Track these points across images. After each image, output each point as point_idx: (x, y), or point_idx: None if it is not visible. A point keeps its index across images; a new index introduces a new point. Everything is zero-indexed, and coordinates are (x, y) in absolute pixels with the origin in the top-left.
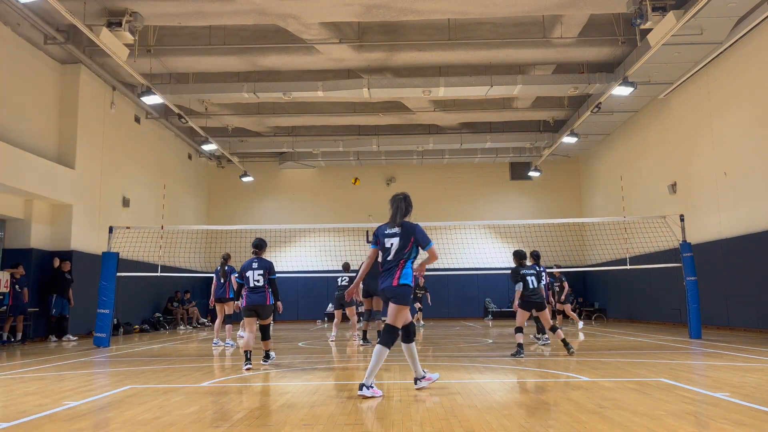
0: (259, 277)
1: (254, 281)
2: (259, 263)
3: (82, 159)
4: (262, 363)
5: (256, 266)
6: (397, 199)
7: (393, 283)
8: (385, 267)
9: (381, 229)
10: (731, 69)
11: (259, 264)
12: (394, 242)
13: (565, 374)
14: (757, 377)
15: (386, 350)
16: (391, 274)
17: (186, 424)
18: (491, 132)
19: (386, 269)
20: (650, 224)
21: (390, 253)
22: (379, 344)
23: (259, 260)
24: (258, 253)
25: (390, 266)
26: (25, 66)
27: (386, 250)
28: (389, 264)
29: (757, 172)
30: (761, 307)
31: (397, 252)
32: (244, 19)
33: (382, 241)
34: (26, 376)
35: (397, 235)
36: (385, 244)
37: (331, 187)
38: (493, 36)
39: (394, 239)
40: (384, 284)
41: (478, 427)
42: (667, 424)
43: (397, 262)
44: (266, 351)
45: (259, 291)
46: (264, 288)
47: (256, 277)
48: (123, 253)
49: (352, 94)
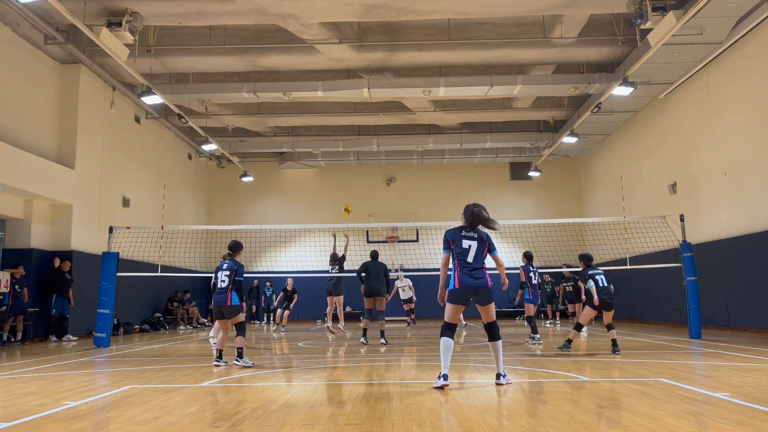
0: (225, 278)
1: (220, 282)
2: (228, 264)
3: (82, 159)
4: (235, 362)
5: (225, 267)
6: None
7: (488, 284)
8: (470, 267)
9: (455, 233)
10: (731, 69)
11: (228, 265)
12: (472, 245)
13: (565, 374)
14: (757, 377)
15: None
16: (482, 274)
17: (186, 424)
18: (491, 132)
19: (473, 268)
20: (650, 224)
21: (470, 255)
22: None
23: (229, 262)
24: (231, 255)
25: (475, 267)
26: (25, 66)
27: (464, 251)
28: (472, 266)
29: (757, 172)
30: (761, 307)
31: (477, 254)
32: (244, 19)
33: (458, 242)
34: (26, 376)
35: (475, 239)
36: (462, 245)
37: (331, 187)
38: (493, 36)
39: (472, 242)
40: (477, 282)
41: (478, 427)
42: (667, 424)
43: (481, 264)
44: (238, 348)
45: (222, 292)
46: (227, 289)
47: (222, 278)
48: (123, 253)
49: (352, 94)
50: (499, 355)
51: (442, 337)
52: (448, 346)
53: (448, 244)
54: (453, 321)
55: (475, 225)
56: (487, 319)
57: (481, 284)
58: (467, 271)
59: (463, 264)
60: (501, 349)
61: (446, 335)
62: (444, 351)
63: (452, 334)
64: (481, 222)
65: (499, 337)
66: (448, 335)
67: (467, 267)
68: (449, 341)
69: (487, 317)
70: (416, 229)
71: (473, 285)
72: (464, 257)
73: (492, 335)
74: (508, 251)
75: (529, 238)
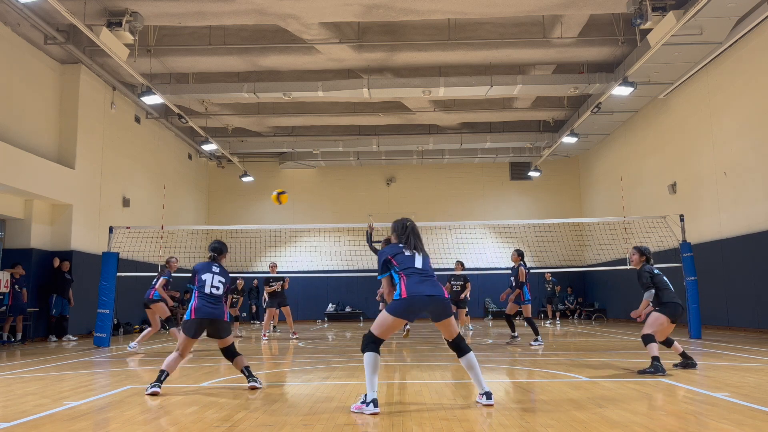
0: (220, 284)
1: (212, 287)
2: (221, 270)
3: (82, 159)
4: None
5: (218, 270)
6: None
7: (444, 293)
8: (421, 274)
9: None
10: (731, 69)
11: (221, 269)
12: (416, 254)
13: (565, 374)
14: (757, 377)
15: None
16: (436, 283)
17: (186, 424)
18: (491, 132)
19: (425, 276)
20: (650, 224)
21: (416, 261)
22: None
23: (221, 267)
24: (217, 259)
25: (429, 275)
26: (25, 66)
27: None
28: (423, 273)
29: (757, 172)
30: (761, 307)
31: (424, 262)
32: (244, 19)
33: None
34: (26, 376)
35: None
36: (405, 253)
37: (331, 187)
38: (493, 36)
39: (416, 252)
40: (434, 291)
41: (478, 427)
42: (667, 424)
43: (432, 273)
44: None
45: (218, 301)
46: (222, 299)
47: (215, 283)
48: (123, 253)
49: (352, 94)
50: (477, 370)
51: (366, 352)
52: (375, 361)
53: (385, 266)
54: (383, 336)
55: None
56: (450, 335)
57: (437, 293)
58: (417, 279)
59: (412, 272)
60: (476, 361)
61: (371, 348)
62: (370, 368)
63: (377, 348)
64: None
65: (470, 349)
66: (373, 348)
67: (417, 274)
68: (375, 356)
69: (448, 333)
70: None
71: (426, 294)
72: (411, 263)
73: (461, 349)
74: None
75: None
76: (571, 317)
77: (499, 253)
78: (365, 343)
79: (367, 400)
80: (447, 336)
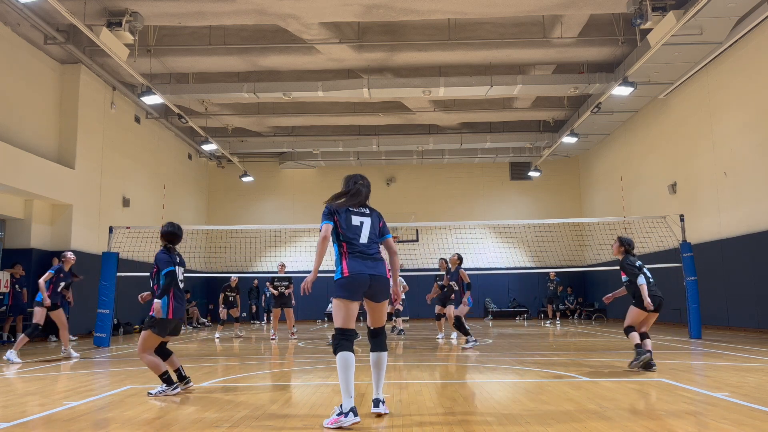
0: (183, 277)
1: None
2: (180, 259)
3: (82, 159)
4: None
5: (179, 261)
6: (359, 177)
7: (386, 273)
8: (363, 251)
9: (339, 206)
10: (731, 69)
11: (180, 260)
12: (365, 222)
13: (565, 374)
14: (757, 377)
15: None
16: (379, 260)
17: (186, 424)
18: (491, 132)
19: (367, 253)
20: (650, 224)
21: (361, 235)
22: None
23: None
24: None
25: (369, 252)
26: (25, 66)
27: (354, 228)
28: (366, 250)
29: (757, 172)
30: (761, 307)
31: (370, 235)
32: (244, 19)
33: (345, 217)
34: (26, 376)
35: (368, 216)
36: (352, 221)
37: (331, 187)
38: (493, 36)
39: (364, 219)
40: (372, 269)
41: (479, 427)
42: (667, 424)
43: (376, 246)
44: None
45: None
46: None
47: (181, 278)
48: (123, 253)
49: (352, 94)
50: (381, 373)
51: (338, 353)
52: (348, 363)
53: (330, 215)
54: (347, 325)
55: (362, 201)
56: (376, 323)
57: (378, 272)
58: (359, 255)
59: (354, 246)
60: (385, 364)
61: (343, 347)
62: (343, 371)
63: (350, 345)
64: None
65: (386, 348)
66: (345, 347)
67: (358, 250)
68: (348, 356)
69: (376, 320)
70: (416, 229)
71: (367, 274)
72: (355, 237)
73: (378, 344)
74: (509, 251)
75: (528, 238)
76: (571, 317)
77: (498, 254)
78: (335, 344)
79: (344, 409)
80: (373, 323)
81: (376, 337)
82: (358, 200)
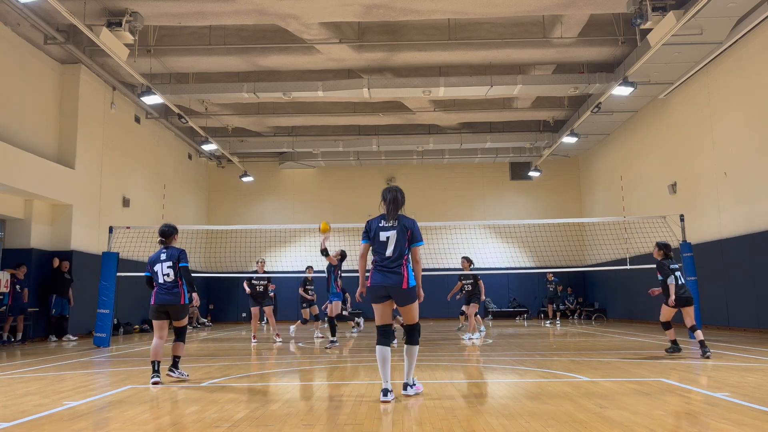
0: (169, 270)
1: (163, 276)
2: (167, 253)
3: (82, 159)
4: (168, 374)
5: (165, 257)
6: (393, 190)
7: (404, 284)
8: (385, 264)
9: (374, 222)
10: (731, 69)
11: (167, 254)
12: (390, 236)
13: (565, 374)
14: (757, 377)
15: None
16: (397, 271)
17: (186, 424)
18: (491, 132)
19: (389, 266)
20: (650, 224)
21: (387, 250)
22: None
23: (167, 250)
24: (166, 242)
25: (390, 265)
26: (25, 66)
27: (381, 244)
28: (388, 263)
29: (757, 172)
30: (761, 307)
31: (396, 247)
32: (244, 19)
33: (375, 234)
34: (26, 376)
35: (394, 229)
36: (380, 238)
37: (331, 187)
38: (493, 36)
39: (390, 233)
40: (387, 281)
41: (478, 427)
42: (667, 424)
43: (399, 259)
44: (175, 357)
45: (171, 288)
46: (176, 283)
47: (165, 271)
48: (123, 253)
49: (352, 94)
50: (410, 362)
51: (376, 346)
52: (382, 354)
53: (366, 234)
54: (380, 323)
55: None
56: (406, 321)
57: (393, 284)
58: (380, 269)
59: (379, 260)
60: (415, 355)
61: (379, 342)
62: (379, 361)
63: (384, 341)
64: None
65: (417, 343)
66: (380, 342)
67: (381, 263)
68: (381, 350)
69: (406, 319)
70: None
71: (383, 285)
72: (381, 251)
73: (408, 338)
74: (509, 251)
75: (528, 238)
76: (571, 317)
77: (498, 254)
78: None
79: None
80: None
81: (408, 332)
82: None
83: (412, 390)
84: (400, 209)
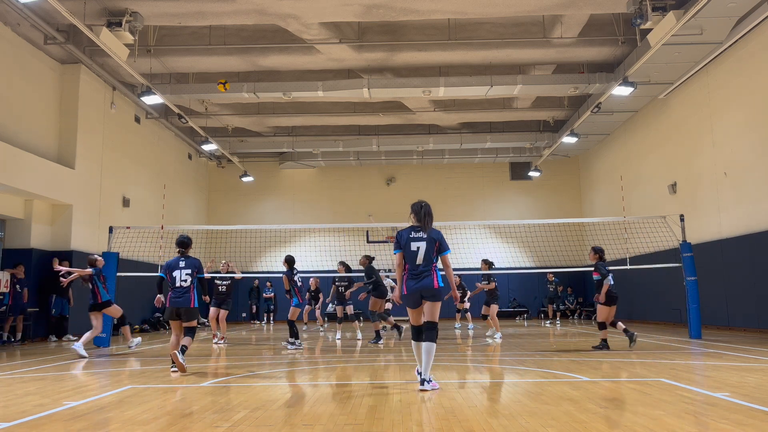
0: (187, 277)
1: (181, 281)
2: (186, 262)
3: (82, 159)
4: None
5: (184, 265)
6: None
7: (434, 285)
8: (417, 271)
9: (404, 233)
10: (731, 69)
11: (186, 263)
12: (420, 247)
13: (565, 374)
14: (757, 377)
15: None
16: (427, 275)
17: (186, 424)
18: (491, 132)
19: (419, 272)
20: (650, 224)
21: (417, 259)
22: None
23: (186, 259)
24: (184, 252)
25: (421, 271)
26: (25, 66)
27: (412, 254)
28: (418, 270)
29: (757, 172)
30: (761, 307)
31: (425, 256)
32: (244, 19)
33: (405, 244)
34: (26, 376)
35: (424, 240)
36: (410, 248)
37: (331, 187)
38: (493, 36)
39: (420, 243)
40: (419, 284)
41: (478, 427)
42: (667, 424)
43: (428, 266)
44: (183, 346)
45: (185, 292)
46: (189, 289)
47: (183, 277)
48: (123, 253)
49: (352, 94)
50: (427, 358)
51: (412, 341)
52: (417, 347)
53: (398, 245)
54: (414, 323)
55: (425, 224)
56: (428, 317)
57: (424, 285)
58: (412, 275)
59: (411, 268)
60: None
61: (413, 338)
62: (415, 351)
63: (417, 336)
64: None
65: (434, 340)
66: (415, 338)
67: (413, 271)
68: (416, 344)
69: (428, 315)
70: None
71: (416, 288)
72: (412, 260)
73: (427, 336)
74: (509, 251)
75: (529, 238)
76: (571, 317)
77: (498, 254)
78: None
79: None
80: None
81: (427, 330)
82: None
83: (428, 386)
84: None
